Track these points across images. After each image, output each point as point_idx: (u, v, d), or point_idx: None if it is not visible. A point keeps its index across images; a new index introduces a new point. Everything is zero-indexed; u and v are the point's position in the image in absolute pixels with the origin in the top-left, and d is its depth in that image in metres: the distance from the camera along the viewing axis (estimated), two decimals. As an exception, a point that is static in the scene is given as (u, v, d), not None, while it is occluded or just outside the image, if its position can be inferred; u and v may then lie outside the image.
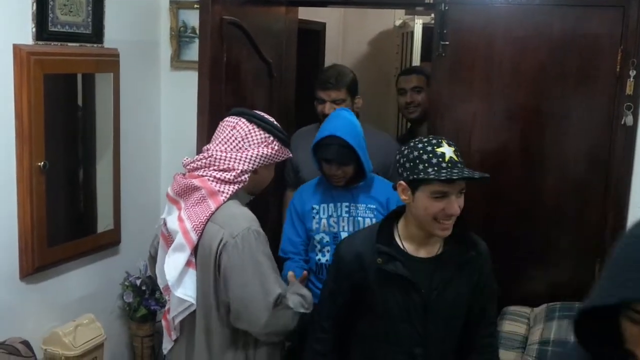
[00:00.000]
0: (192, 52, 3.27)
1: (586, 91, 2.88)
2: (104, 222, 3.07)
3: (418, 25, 4.78)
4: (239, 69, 2.98)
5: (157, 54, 3.36)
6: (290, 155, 2.32)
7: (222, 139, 2.18)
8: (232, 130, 2.19)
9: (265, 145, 2.19)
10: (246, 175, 2.17)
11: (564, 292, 2.92)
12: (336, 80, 3.03)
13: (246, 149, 2.17)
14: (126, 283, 3.17)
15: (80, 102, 2.96)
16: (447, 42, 2.94)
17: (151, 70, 3.34)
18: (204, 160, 2.17)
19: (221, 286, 2.10)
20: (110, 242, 3.10)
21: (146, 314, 3.16)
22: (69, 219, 2.95)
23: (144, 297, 3.16)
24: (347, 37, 5.44)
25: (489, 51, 2.94)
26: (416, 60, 4.73)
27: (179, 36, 3.33)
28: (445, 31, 2.94)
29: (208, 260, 2.11)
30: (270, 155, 2.20)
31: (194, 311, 2.18)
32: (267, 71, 3.23)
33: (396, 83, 3.72)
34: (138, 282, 3.15)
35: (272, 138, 2.20)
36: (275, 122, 2.27)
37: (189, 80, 3.03)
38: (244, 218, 2.12)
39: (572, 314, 2.73)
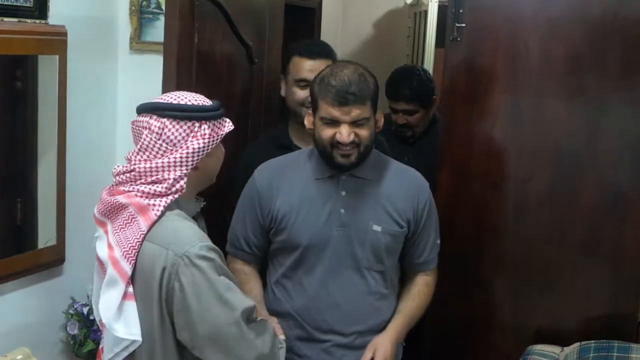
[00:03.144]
0: (157, 32, 3.29)
1: (629, 85, 2.91)
2: (45, 237, 3.08)
3: (433, 3, 4.82)
4: (213, 53, 3.01)
5: (113, 34, 3.38)
6: (230, 125, 2.25)
7: (141, 146, 2.14)
8: (147, 132, 2.13)
9: (193, 137, 2.13)
10: (182, 182, 2.13)
11: (600, 328, 2.93)
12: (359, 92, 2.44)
13: (171, 150, 2.12)
14: (71, 311, 3.18)
15: (18, 89, 2.98)
16: (463, 25, 2.96)
17: (106, 53, 3.36)
18: (127, 175, 2.14)
19: (170, 319, 2.10)
20: (53, 260, 3.10)
21: (94, 349, 3.16)
22: (2, 231, 2.96)
23: (92, 329, 3.17)
24: (347, 16, 5.47)
25: (513, 36, 2.96)
26: (430, 46, 4.77)
27: (141, 12, 3.36)
28: (461, 11, 2.97)
29: (150, 288, 2.09)
30: (204, 145, 2.14)
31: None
32: (246, 55, 3.26)
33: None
34: (85, 310, 3.16)
35: (197, 124, 2.13)
36: (194, 100, 2.18)
37: (152, 65, 3.06)
38: (190, 233, 2.10)
39: (610, 354, 2.75)
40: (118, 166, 2.19)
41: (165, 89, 2.66)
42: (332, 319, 2.55)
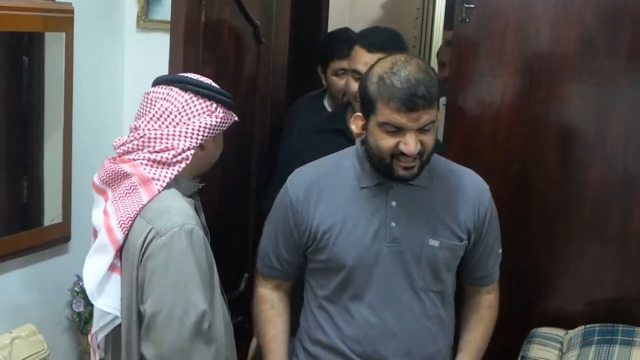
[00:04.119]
0: (163, 10, 3.28)
1: (639, 68, 2.89)
2: (51, 214, 3.09)
3: (442, -16, 4.80)
4: (220, 31, 2.99)
5: (120, 11, 3.37)
6: (236, 118, 2.30)
7: (154, 115, 2.17)
8: (164, 102, 2.17)
9: (208, 114, 2.18)
10: (189, 152, 2.15)
11: (604, 311, 2.94)
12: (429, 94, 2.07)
13: (185, 122, 2.15)
14: (76, 289, 3.19)
15: (25, 68, 2.98)
16: (472, 5, 2.95)
17: (113, 31, 3.35)
18: (135, 142, 2.16)
19: (140, 293, 2.09)
20: (58, 238, 3.11)
21: (100, 326, 3.19)
22: (8, 208, 2.96)
23: (98, 306, 3.19)
24: (356, -4, 5.45)
25: (523, 17, 2.95)
26: (439, 28, 4.75)
27: (148, -10, 3.36)
28: (470, -9, 2.96)
29: (132, 263, 2.10)
30: (216, 125, 2.19)
31: (120, 326, 2.16)
32: (253, 35, 3.24)
33: (437, 55, 3.78)
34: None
35: (215, 104, 2.20)
36: (214, 84, 2.26)
37: (159, 43, 3.04)
38: (179, 213, 2.09)
39: (614, 338, 2.75)
40: (119, 139, 2.22)
41: (172, 68, 2.66)
42: (387, 350, 2.24)
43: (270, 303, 2.40)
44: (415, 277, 2.22)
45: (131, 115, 3.35)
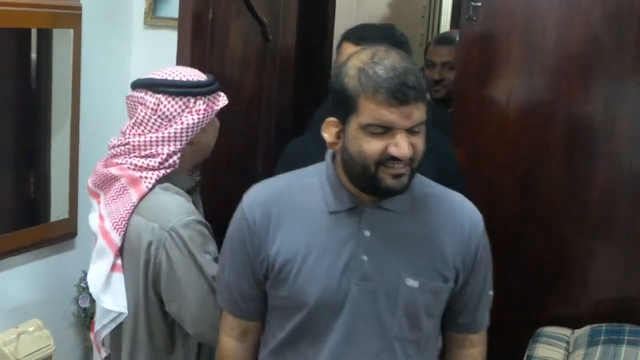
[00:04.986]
0: (171, 7, 3.28)
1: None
2: (57, 210, 3.10)
3: (449, -18, 4.80)
4: (227, 29, 2.99)
5: (128, 8, 3.37)
6: (226, 100, 2.22)
7: (136, 120, 2.16)
8: (142, 108, 2.15)
9: (188, 112, 2.13)
10: (175, 157, 2.14)
11: (611, 311, 2.93)
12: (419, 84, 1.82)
13: (166, 125, 2.13)
14: (82, 284, 3.19)
15: (33, 63, 2.98)
16: (479, 3, 2.94)
17: (120, 28, 3.35)
18: (122, 148, 2.16)
19: (156, 292, 2.11)
20: (65, 234, 3.12)
21: (105, 322, 3.20)
22: (15, 204, 2.98)
23: (103, 303, 3.19)
24: (363, -5, 5.44)
25: (529, 15, 2.93)
26: (446, 26, 4.74)
27: (155, -13, 3.36)
28: (477, -10, 2.95)
29: (136, 262, 2.11)
30: (198, 121, 2.14)
31: (121, 324, 2.19)
32: (261, 32, 3.24)
33: (425, 53, 3.74)
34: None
35: (192, 99, 2.13)
36: (189, 75, 2.18)
37: (166, 40, 3.04)
38: (179, 207, 2.10)
39: (620, 337, 2.74)
40: (113, 139, 2.21)
41: (180, 64, 2.65)
42: None
43: (232, 352, 1.98)
44: (388, 324, 1.82)
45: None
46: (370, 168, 1.71)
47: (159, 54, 3.19)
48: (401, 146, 1.68)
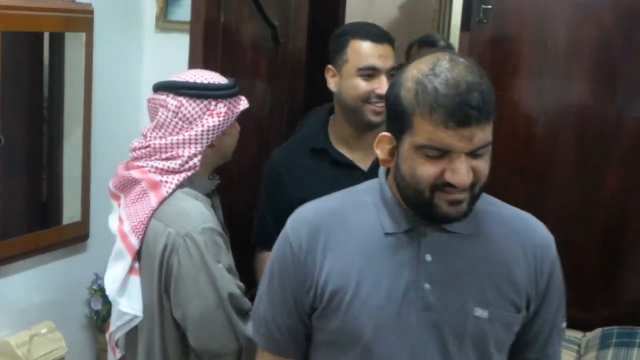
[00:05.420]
0: (182, 11, 3.30)
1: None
2: (70, 213, 3.11)
3: (459, -15, 4.78)
4: (239, 32, 3.00)
5: (139, 12, 3.38)
6: (246, 103, 2.24)
7: (157, 123, 2.17)
8: (163, 110, 2.16)
9: (209, 115, 2.15)
10: (196, 160, 2.15)
11: (623, 314, 2.92)
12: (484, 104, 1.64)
13: (187, 128, 2.15)
14: (94, 287, 3.21)
15: (45, 67, 3.00)
16: (489, 6, 2.93)
17: (132, 31, 3.36)
18: (142, 150, 2.18)
19: (169, 297, 2.12)
20: (77, 236, 3.13)
21: (117, 324, 3.20)
22: (28, 206, 2.99)
23: (116, 305, 3.20)
24: (373, -2, 5.44)
25: (540, 17, 2.93)
26: (456, 29, 4.73)
27: (167, -9, 3.37)
28: (488, -8, 2.95)
29: (152, 265, 2.12)
30: (219, 123, 2.16)
31: (136, 326, 2.20)
32: (272, 35, 3.25)
33: (407, 54, 3.73)
34: (107, 287, 3.19)
35: (213, 102, 2.15)
36: (211, 78, 2.19)
37: (177, 44, 3.06)
38: (196, 213, 2.11)
39: (632, 341, 2.73)
40: (135, 142, 2.23)
41: (191, 68, 2.66)
42: None
43: None
44: (454, 359, 1.62)
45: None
46: (425, 193, 1.53)
47: (171, 58, 3.20)
48: (459, 172, 1.49)
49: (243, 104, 2.24)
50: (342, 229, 1.66)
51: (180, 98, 2.14)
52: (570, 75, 2.94)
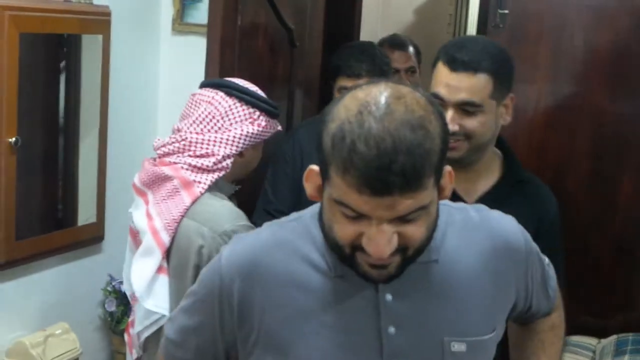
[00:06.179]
0: (199, 14, 3.30)
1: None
2: (85, 214, 3.11)
3: (475, -11, 4.77)
4: (256, 35, 3.01)
5: (156, 15, 3.39)
6: (279, 128, 2.31)
7: (197, 118, 2.19)
8: (208, 106, 2.19)
9: (250, 122, 2.19)
10: (229, 161, 2.17)
11: (638, 320, 2.89)
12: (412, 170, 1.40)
13: (227, 128, 2.17)
14: (109, 288, 3.21)
15: (62, 69, 3.01)
16: (506, 11, 2.92)
17: (149, 34, 3.37)
18: (176, 145, 2.18)
19: None
20: (92, 238, 3.14)
21: (131, 326, 3.21)
22: (43, 207, 3.00)
23: (130, 307, 3.19)
24: (388, 2, 5.43)
25: (557, 22, 2.91)
26: (472, 33, 4.71)
27: (184, -6, 3.37)
28: (504, -3, 2.94)
29: (184, 266, 2.11)
30: (257, 133, 2.20)
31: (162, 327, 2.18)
32: (288, 38, 3.25)
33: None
34: (123, 287, 3.19)
35: (257, 112, 2.20)
36: (259, 92, 2.27)
37: (194, 47, 3.07)
38: (230, 212, 2.13)
39: (647, 347, 2.71)
40: (159, 139, 2.24)
41: (208, 71, 2.68)
42: None
43: None
44: None
45: (165, 116, 3.40)
46: (345, 249, 1.30)
47: (187, 60, 3.22)
48: (375, 243, 1.23)
49: (277, 127, 2.30)
50: (283, 269, 1.39)
51: (229, 98, 2.19)
52: (587, 79, 2.93)
